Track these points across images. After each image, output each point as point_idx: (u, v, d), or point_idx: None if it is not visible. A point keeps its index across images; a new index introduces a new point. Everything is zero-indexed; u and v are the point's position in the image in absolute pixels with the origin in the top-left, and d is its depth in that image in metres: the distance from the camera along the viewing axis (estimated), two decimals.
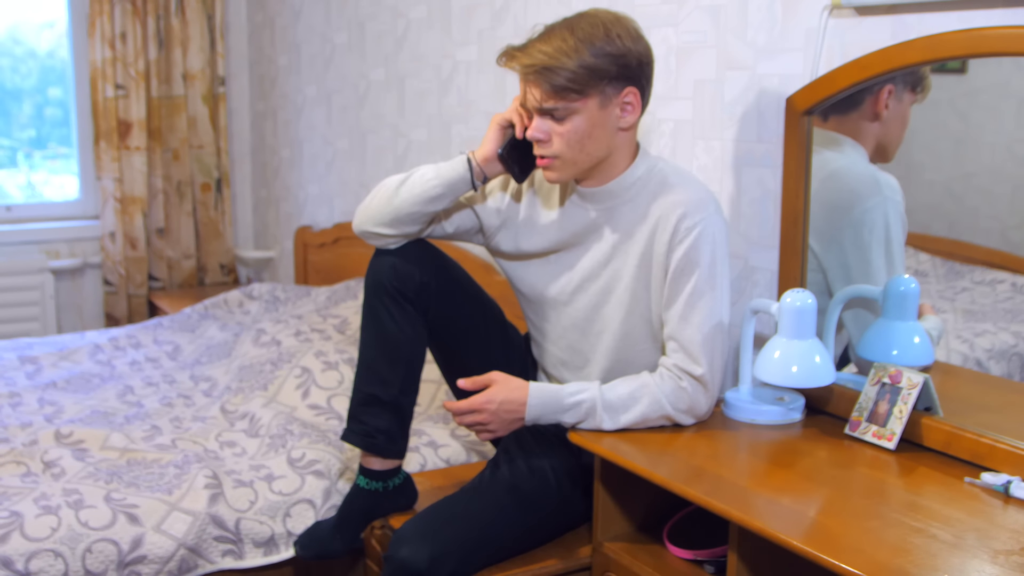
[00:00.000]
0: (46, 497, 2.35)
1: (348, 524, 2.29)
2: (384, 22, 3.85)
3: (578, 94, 1.99)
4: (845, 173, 2.11)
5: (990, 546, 1.53)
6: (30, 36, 4.89)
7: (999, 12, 1.83)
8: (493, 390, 2.06)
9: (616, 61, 1.99)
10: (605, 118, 2.03)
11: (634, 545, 2.04)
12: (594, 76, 1.98)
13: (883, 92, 2.03)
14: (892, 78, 2.00)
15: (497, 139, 2.13)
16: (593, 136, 2.03)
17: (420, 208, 2.14)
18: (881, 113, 2.04)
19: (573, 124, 2.02)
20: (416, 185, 2.14)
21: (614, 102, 2.03)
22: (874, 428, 1.94)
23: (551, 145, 2.04)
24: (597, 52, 1.97)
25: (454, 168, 2.13)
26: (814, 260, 2.16)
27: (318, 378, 3.00)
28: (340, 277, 4.21)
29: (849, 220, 2.10)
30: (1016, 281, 1.98)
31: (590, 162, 2.07)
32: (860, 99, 2.05)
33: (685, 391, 2.02)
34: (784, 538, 1.56)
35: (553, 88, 1.99)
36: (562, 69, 1.96)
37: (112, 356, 3.58)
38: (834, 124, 2.11)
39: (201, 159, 4.95)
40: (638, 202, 2.10)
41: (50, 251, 4.77)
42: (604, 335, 2.16)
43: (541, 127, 2.04)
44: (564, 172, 2.08)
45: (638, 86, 2.04)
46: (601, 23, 2.00)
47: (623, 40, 2.00)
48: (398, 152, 3.85)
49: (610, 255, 2.13)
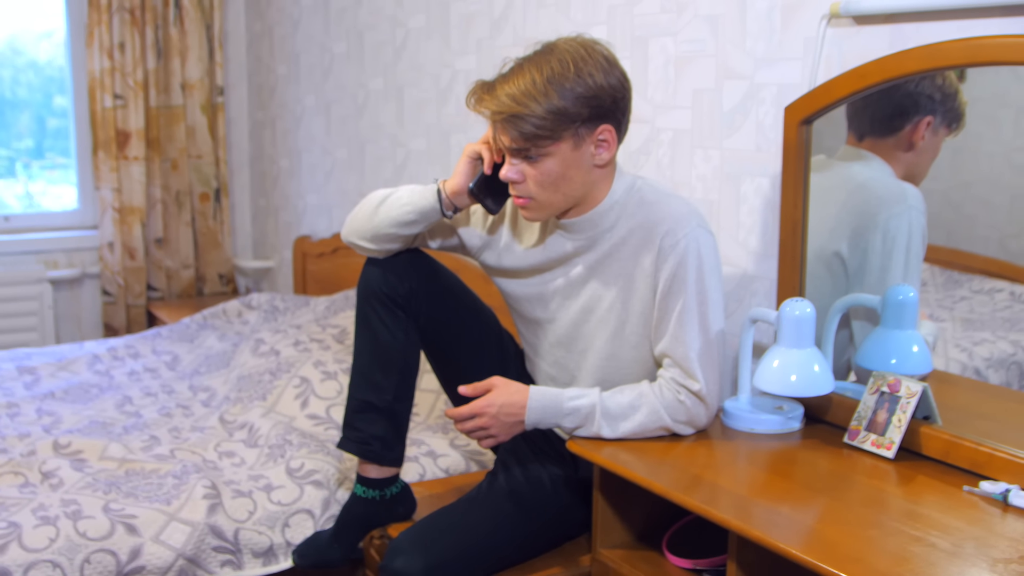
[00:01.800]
0: (44, 508, 2.34)
1: (346, 533, 2.29)
2: (383, 32, 3.86)
3: (549, 139, 1.94)
4: (874, 183, 2.11)
5: (989, 555, 1.53)
6: (29, 46, 4.90)
7: (997, 21, 1.84)
8: (493, 394, 2.05)
9: (588, 103, 1.93)
10: (579, 158, 1.99)
11: (633, 554, 2.04)
12: (564, 120, 1.93)
13: (922, 123, 2.02)
14: (933, 110, 2.00)
15: (467, 172, 2.10)
16: (567, 177, 2.00)
17: (396, 231, 2.14)
18: (917, 144, 2.03)
19: (546, 166, 1.98)
20: (392, 208, 2.14)
21: (588, 141, 1.98)
22: (873, 437, 1.94)
23: (526, 186, 2.01)
24: (567, 94, 1.91)
25: (425, 197, 2.12)
26: (841, 265, 2.15)
27: (317, 388, 3.00)
28: (339, 287, 4.21)
29: (875, 225, 2.10)
30: (1014, 290, 1.98)
31: (566, 202, 2.04)
32: (899, 126, 2.04)
33: (684, 404, 2.02)
34: (783, 547, 1.56)
35: (523, 135, 1.94)
36: (530, 116, 1.91)
37: (110, 366, 3.57)
38: (869, 145, 2.09)
39: (200, 169, 4.95)
40: (618, 226, 2.08)
41: (48, 261, 4.77)
42: (588, 353, 2.15)
43: (514, 169, 2.00)
44: (540, 212, 2.05)
45: (613, 122, 2.00)
46: (571, 59, 1.93)
47: (594, 77, 1.93)
48: (397, 162, 3.85)
49: (588, 275, 2.12)
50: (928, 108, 2.00)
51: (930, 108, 1.99)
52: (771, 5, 2.27)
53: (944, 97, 1.99)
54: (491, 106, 1.96)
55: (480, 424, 2.05)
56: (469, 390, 2.08)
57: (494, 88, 1.97)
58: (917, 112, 2.01)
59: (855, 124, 2.12)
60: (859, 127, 2.11)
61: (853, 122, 2.12)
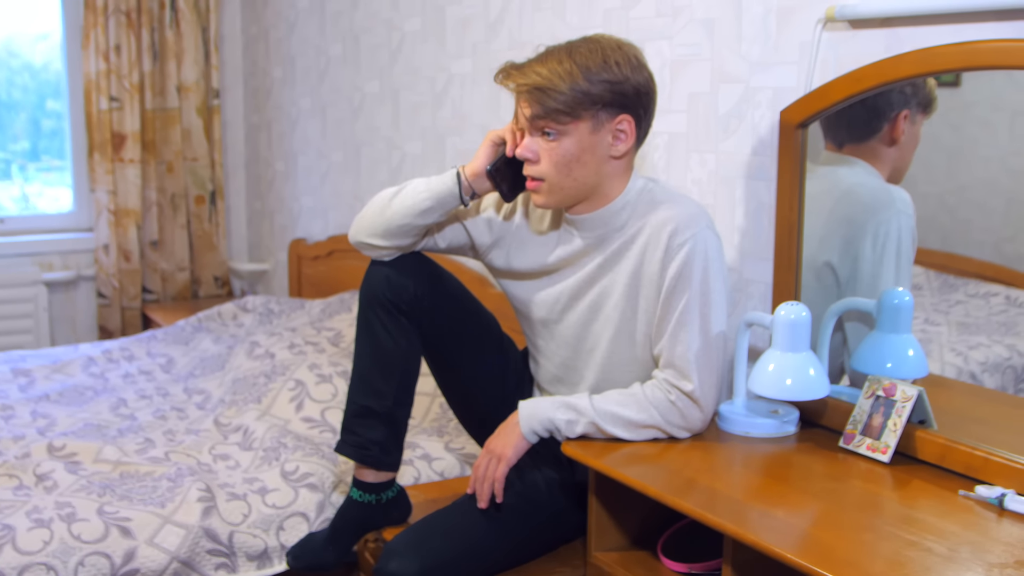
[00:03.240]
0: (38, 510, 2.34)
1: (341, 536, 2.29)
2: (379, 35, 3.86)
3: (569, 116, 1.98)
4: (860, 188, 2.11)
5: (984, 559, 1.53)
6: (24, 48, 4.89)
7: (992, 25, 1.84)
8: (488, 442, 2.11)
9: (611, 88, 1.98)
10: (595, 143, 2.02)
11: (628, 558, 2.03)
12: (586, 100, 1.97)
13: (900, 117, 2.03)
14: (906, 103, 2.01)
15: (488, 155, 2.12)
16: (582, 160, 2.02)
17: (411, 220, 2.14)
18: (899, 138, 2.05)
19: (562, 146, 2.01)
20: (408, 197, 2.14)
21: (606, 128, 2.01)
22: (868, 441, 1.94)
23: (539, 165, 2.04)
24: (592, 78, 1.97)
25: (443, 182, 2.13)
26: (832, 275, 2.15)
27: (312, 391, 2.99)
28: (334, 290, 4.21)
29: (863, 231, 2.10)
30: (1010, 294, 1.98)
31: (577, 188, 2.06)
32: (877, 126, 2.06)
33: (675, 405, 2.02)
34: (778, 551, 1.56)
35: (544, 109, 1.98)
36: (555, 91, 1.96)
37: (105, 369, 3.57)
38: (849, 151, 2.10)
39: (195, 171, 4.95)
40: (628, 225, 2.09)
41: (44, 263, 4.77)
42: (595, 352, 2.16)
43: (531, 146, 2.03)
44: (551, 197, 2.07)
45: (633, 115, 2.03)
46: (601, 49, 1.99)
47: (621, 68, 1.99)
48: (392, 165, 3.85)
49: (597, 274, 2.12)
50: (901, 102, 2.01)
51: (903, 101, 2.01)
52: (767, 9, 2.28)
53: (915, 88, 2.00)
54: (518, 79, 2.01)
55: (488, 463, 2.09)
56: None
57: (523, 66, 2.03)
58: (892, 108, 2.03)
59: (832, 134, 2.13)
60: (836, 136, 2.13)
61: (829, 133, 2.14)
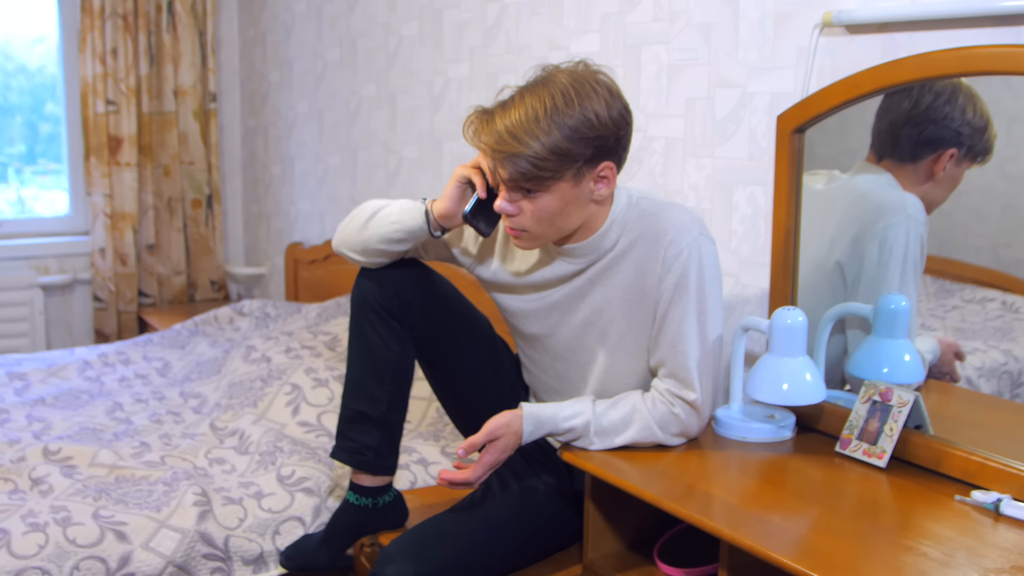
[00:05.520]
0: (34, 514, 2.33)
1: (335, 538, 2.28)
2: (376, 39, 3.86)
3: (550, 178, 1.90)
4: (874, 192, 2.09)
5: (980, 564, 1.53)
6: (21, 51, 4.89)
7: (988, 31, 1.84)
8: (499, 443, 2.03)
9: (591, 143, 1.89)
10: (578, 194, 1.95)
11: (624, 563, 2.03)
12: (566, 160, 1.88)
13: (945, 155, 1.98)
14: (959, 144, 1.96)
15: (455, 197, 2.06)
16: (564, 212, 1.96)
17: (385, 247, 2.12)
18: (937, 174, 1.99)
19: (543, 201, 1.93)
20: (381, 225, 2.11)
21: (588, 177, 1.94)
22: (865, 446, 1.94)
23: (520, 218, 1.97)
24: (568, 132, 1.86)
25: (413, 217, 2.09)
26: (840, 276, 2.15)
27: (308, 395, 2.99)
28: (331, 294, 4.20)
29: (872, 234, 2.09)
30: (1006, 299, 1.98)
31: (561, 234, 2.01)
32: (921, 154, 2.01)
33: (677, 416, 2.01)
34: (775, 556, 1.56)
35: (523, 175, 1.89)
36: (531, 156, 1.86)
37: (101, 372, 3.56)
38: (887, 166, 2.06)
39: (192, 175, 4.95)
40: (620, 241, 2.05)
41: (39, 267, 4.76)
42: (591, 365, 2.14)
43: (510, 200, 1.96)
44: (533, 243, 2.02)
45: (614, 159, 1.96)
46: (573, 93, 1.87)
47: (599, 117, 1.88)
48: (389, 169, 3.85)
49: (588, 288, 2.09)
50: (954, 140, 1.96)
51: (955, 140, 1.96)
52: (764, 14, 2.28)
53: (973, 132, 1.95)
54: (490, 141, 1.91)
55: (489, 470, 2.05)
56: (467, 447, 2.02)
57: (493, 120, 1.92)
58: (942, 144, 1.97)
59: (877, 144, 2.08)
60: (880, 147, 2.07)
61: (875, 142, 2.08)
